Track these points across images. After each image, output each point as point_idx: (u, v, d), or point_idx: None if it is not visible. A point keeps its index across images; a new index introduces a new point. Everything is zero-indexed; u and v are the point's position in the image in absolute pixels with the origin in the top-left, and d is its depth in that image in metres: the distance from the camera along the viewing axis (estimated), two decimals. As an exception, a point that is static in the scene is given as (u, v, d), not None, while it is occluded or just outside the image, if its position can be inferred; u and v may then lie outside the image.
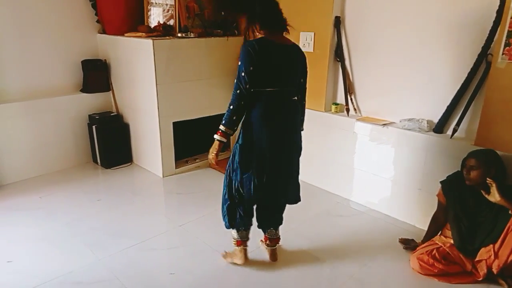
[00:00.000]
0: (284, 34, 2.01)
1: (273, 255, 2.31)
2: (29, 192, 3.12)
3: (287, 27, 1.98)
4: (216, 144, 2.00)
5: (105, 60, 3.65)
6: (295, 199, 2.25)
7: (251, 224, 2.26)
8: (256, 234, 2.35)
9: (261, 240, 2.41)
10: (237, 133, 2.08)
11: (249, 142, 2.01)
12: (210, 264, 2.29)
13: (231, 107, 1.94)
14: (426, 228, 2.41)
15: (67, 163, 3.62)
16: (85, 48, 3.60)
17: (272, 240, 2.30)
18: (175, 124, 3.40)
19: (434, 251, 2.18)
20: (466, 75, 2.40)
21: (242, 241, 2.24)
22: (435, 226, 2.30)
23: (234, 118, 1.96)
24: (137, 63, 3.31)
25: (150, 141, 3.46)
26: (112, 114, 3.69)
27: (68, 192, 3.15)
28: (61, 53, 3.46)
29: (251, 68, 1.87)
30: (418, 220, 2.69)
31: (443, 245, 2.19)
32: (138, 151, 3.70)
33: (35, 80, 3.36)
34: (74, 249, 2.39)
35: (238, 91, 1.91)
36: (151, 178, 3.48)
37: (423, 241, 2.36)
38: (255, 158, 2.01)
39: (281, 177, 2.10)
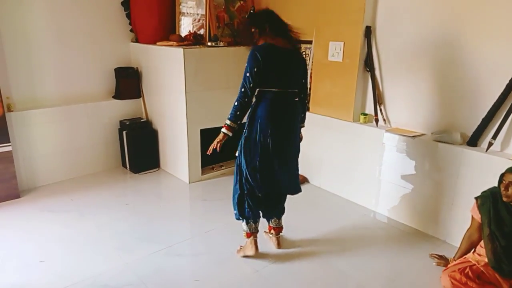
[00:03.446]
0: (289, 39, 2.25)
1: (278, 243, 2.52)
2: (61, 195, 3.23)
3: (292, 35, 2.25)
4: (221, 136, 2.23)
5: (137, 68, 3.76)
6: (296, 190, 2.43)
7: (260, 216, 2.42)
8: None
9: (265, 231, 2.61)
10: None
11: (254, 136, 2.22)
12: (235, 272, 2.29)
13: (236, 103, 2.18)
14: (458, 245, 2.31)
15: (98, 167, 3.74)
16: (118, 56, 3.72)
17: (276, 229, 2.52)
18: (203, 131, 3.45)
19: (468, 269, 2.08)
20: (504, 86, 2.31)
21: (251, 233, 2.40)
22: (469, 244, 2.20)
23: (238, 113, 2.19)
24: (167, 71, 3.39)
25: (178, 147, 3.52)
26: (142, 120, 3.78)
27: (98, 195, 3.24)
28: (95, 61, 3.59)
29: (255, 70, 2.12)
30: (450, 236, 2.60)
31: (477, 263, 2.09)
32: (165, 157, 3.77)
33: (70, 86, 3.50)
34: (102, 252, 2.45)
35: (242, 90, 2.16)
36: (177, 184, 3.53)
37: (455, 258, 2.26)
38: (259, 152, 2.22)
39: (284, 170, 2.30)
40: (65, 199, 3.16)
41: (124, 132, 3.68)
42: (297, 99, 2.29)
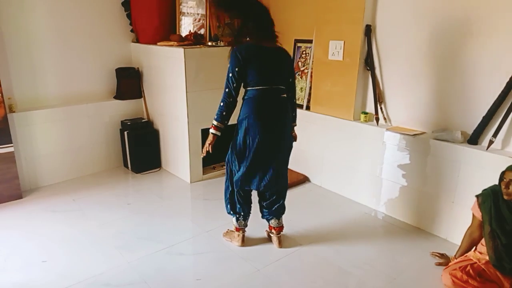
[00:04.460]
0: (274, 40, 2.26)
1: (279, 242, 2.53)
2: (63, 195, 3.24)
3: (276, 36, 2.24)
4: (210, 137, 2.28)
5: (137, 68, 3.77)
6: (284, 189, 2.45)
7: (249, 214, 2.50)
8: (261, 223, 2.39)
9: (266, 230, 2.61)
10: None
11: (243, 135, 2.24)
12: (236, 271, 2.30)
13: (221, 104, 2.23)
14: (459, 243, 2.31)
15: (99, 167, 3.75)
16: (119, 57, 3.73)
17: (277, 229, 2.52)
18: (204, 131, 3.45)
19: (468, 267, 2.09)
20: (504, 84, 2.31)
21: (240, 228, 2.50)
22: (470, 242, 2.21)
23: (224, 113, 2.23)
24: (168, 71, 3.40)
25: (179, 147, 3.53)
26: (143, 120, 3.79)
27: (100, 195, 3.25)
28: (96, 61, 3.60)
29: (237, 69, 2.16)
30: (451, 234, 2.60)
31: (478, 261, 2.10)
32: (167, 157, 3.78)
33: (72, 87, 3.51)
34: (104, 252, 2.46)
35: (226, 90, 2.21)
36: (179, 183, 3.54)
37: (456, 256, 2.27)
38: (249, 151, 2.25)
39: (272, 168, 2.31)
40: (67, 199, 3.17)
41: (125, 132, 3.69)
42: (284, 95, 2.29)
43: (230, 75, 2.18)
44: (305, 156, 3.48)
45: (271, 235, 2.56)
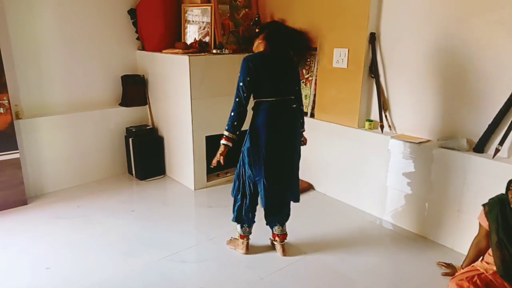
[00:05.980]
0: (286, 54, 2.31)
1: (283, 250, 2.51)
2: (68, 201, 3.25)
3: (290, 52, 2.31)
4: (222, 148, 2.25)
5: (143, 75, 3.80)
6: (296, 198, 2.44)
7: (254, 221, 2.49)
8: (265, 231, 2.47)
9: (270, 239, 2.60)
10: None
11: (254, 146, 2.24)
12: (240, 278, 2.28)
13: (232, 113, 2.21)
14: (465, 252, 2.28)
15: (104, 173, 3.76)
16: (125, 64, 3.76)
17: (280, 236, 2.50)
18: (208, 138, 3.46)
19: (476, 277, 2.05)
20: (510, 91, 2.30)
21: (245, 235, 2.50)
22: (477, 251, 2.18)
23: (235, 123, 2.21)
24: (173, 78, 3.42)
25: (183, 154, 3.54)
26: (148, 127, 3.81)
27: (105, 202, 3.26)
28: (102, 69, 3.64)
29: (248, 79, 2.15)
30: (457, 243, 2.57)
31: (485, 272, 2.06)
32: (171, 164, 3.79)
33: (78, 94, 3.54)
34: (108, 258, 2.46)
35: (237, 99, 2.19)
36: (183, 190, 3.54)
37: (462, 266, 2.23)
38: (261, 161, 2.24)
39: (284, 178, 2.32)
40: (72, 205, 3.18)
41: (130, 139, 3.71)
42: (294, 105, 2.30)
43: (241, 84, 2.17)
44: (309, 164, 3.47)
45: (275, 243, 2.55)
